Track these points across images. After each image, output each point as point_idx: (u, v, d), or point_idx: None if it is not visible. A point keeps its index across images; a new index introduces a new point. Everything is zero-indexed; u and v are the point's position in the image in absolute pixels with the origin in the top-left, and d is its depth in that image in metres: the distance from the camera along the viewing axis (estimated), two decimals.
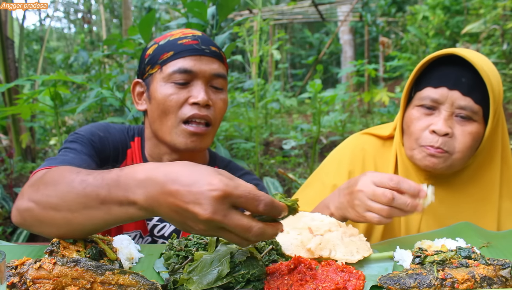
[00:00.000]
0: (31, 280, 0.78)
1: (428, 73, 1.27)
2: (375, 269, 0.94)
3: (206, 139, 1.29)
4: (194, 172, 0.72)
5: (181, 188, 0.70)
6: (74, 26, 17.92)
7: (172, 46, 1.27)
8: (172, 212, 0.72)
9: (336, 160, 1.47)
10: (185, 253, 0.90)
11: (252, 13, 9.28)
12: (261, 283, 0.84)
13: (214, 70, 1.27)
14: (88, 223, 0.82)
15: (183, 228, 0.74)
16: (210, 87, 1.29)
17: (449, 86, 1.21)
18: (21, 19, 3.93)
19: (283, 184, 4.33)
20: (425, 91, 1.25)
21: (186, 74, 1.24)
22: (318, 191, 1.42)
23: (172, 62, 1.25)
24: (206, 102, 1.24)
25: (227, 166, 1.45)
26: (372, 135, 1.48)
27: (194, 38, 1.29)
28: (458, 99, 1.20)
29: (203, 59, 1.26)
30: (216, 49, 1.31)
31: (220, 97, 1.30)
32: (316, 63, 9.77)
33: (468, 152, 1.24)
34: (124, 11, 4.94)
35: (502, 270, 0.84)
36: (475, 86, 1.20)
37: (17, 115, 3.25)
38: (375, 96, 4.94)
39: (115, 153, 1.32)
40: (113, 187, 0.78)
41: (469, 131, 1.21)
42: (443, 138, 1.21)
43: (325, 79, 15.26)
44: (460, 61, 1.21)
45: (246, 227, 0.70)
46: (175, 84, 1.24)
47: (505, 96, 5.94)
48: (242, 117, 6.97)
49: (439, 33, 7.71)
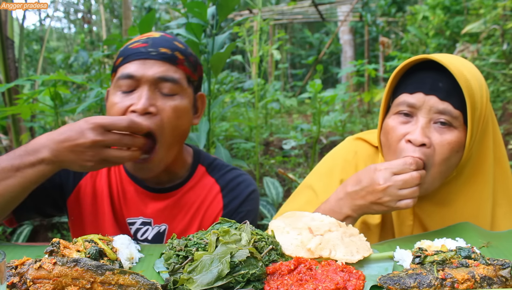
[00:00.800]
0: (31, 280, 0.78)
1: (404, 80, 1.21)
2: (375, 269, 0.94)
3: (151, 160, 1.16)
4: (74, 124, 1.03)
5: (68, 132, 1.01)
6: (74, 26, 17.93)
7: (123, 51, 1.21)
8: (70, 153, 1.01)
9: (327, 169, 1.42)
10: (185, 253, 0.90)
11: (252, 13, 9.28)
12: (261, 283, 0.84)
13: (159, 74, 1.15)
14: (7, 192, 1.03)
15: (82, 165, 1.03)
16: (159, 93, 1.17)
17: (426, 91, 1.14)
18: (21, 19, 3.93)
19: (283, 184, 4.33)
20: (401, 97, 1.18)
21: (130, 80, 1.15)
22: (309, 199, 1.37)
23: (120, 68, 1.19)
24: (145, 110, 1.12)
25: (213, 163, 1.41)
26: (365, 142, 1.42)
27: (145, 40, 1.20)
28: (436, 103, 1.12)
29: (147, 62, 1.16)
30: (168, 50, 1.18)
31: (170, 104, 1.16)
32: (316, 63, 9.77)
33: (446, 164, 1.14)
34: (124, 11, 4.94)
35: (502, 270, 0.84)
36: (453, 90, 1.12)
37: (17, 115, 3.24)
38: (375, 96, 4.94)
39: None
40: (24, 155, 1.02)
41: (448, 140, 1.12)
42: (420, 149, 1.11)
43: (325, 79, 15.26)
44: (437, 66, 1.15)
45: (121, 138, 1.02)
46: (121, 92, 1.17)
47: (505, 96, 5.94)
48: (242, 117, 6.97)
49: (439, 33, 7.71)
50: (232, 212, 1.34)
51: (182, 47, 1.24)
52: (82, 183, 1.35)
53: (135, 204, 1.33)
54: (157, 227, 1.33)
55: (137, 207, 1.33)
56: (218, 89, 5.83)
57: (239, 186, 1.37)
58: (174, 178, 1.35)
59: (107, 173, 1.35)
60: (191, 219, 1.33)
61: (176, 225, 1.33)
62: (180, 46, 1.24)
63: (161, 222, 1.33)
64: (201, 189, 1.36)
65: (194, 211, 1.34)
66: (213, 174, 1.39)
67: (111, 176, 1.35)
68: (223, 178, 1.38)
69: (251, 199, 1.37)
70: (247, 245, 0.88)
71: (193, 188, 1.35)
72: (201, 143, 2.33)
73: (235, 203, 1.35)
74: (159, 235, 1.33)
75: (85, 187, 1.35)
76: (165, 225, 1.33)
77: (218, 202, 1.35)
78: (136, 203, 1.33)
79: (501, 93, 5.97)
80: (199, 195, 1.35)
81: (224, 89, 6.11)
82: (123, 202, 1.33)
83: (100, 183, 1.35)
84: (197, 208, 1.34)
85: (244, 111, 6.42)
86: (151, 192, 1.32)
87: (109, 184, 1.34)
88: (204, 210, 1.34)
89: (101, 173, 1.35)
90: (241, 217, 1.34)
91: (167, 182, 1.34)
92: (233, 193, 1.36)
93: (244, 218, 1.33)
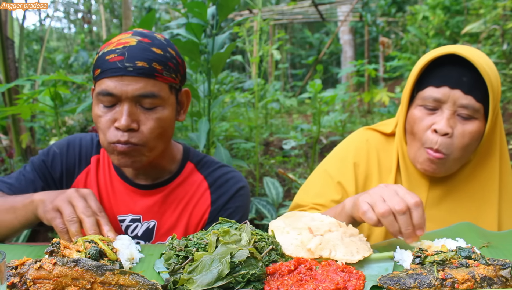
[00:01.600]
0: (31, 280, 0.78)
1: (429, 72, 1.28)
2: (375, 269, 0.94)
3: (139, 157, 1.22)
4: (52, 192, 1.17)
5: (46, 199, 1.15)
6: (74, 26, 17.91)
7: (101, 63, 1.19)
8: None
9: (341, 154, 1.49)
10: (185, 253, 0.90)
11: (252, 13, 9.28)
12: (261, 283, 0.84)
13: (138, 91, 1.16)
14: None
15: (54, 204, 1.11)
16: (140, 107, 1.19)
17: (451, 85, 1.22)
18: (21, 19, 3.92)
19: (283, 184, 4.33)
20: (427, 90, 1.26)
21: (110, 97, 1.17)
22: (325, 183, 1.44)
23: (99, 81, 1.19)
24: (127, 127, 1.16)
25: (202, 160, 1.42)
26: (375, 131, 1.50)
27: (121, 52, 1.16)
28: (460, 98, 1.21)
29: (125, 79, 1.15)
30: (145, 63, 1.16)
31: (152, 117, 1.19)
32: (316, 63, 9.77)
33: (466, 151, 1.26)
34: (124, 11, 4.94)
35: (502, 270, 0.84)
36: (475, 84, 1.21)
37: (17, 115, 3.25)
38: (375, 96, 4.94)
39: (72, 163, 1.40)
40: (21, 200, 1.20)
41: (469, 130, 1.23)
42: (442, 139, 1.22)
43: (325, 79, 15.26)
44: (460, 59, 1.23)
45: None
46: (103, 105, 1.19)
47: (505, 96, 5.94)
48: (242, 117, 6.97)
49: (439, 33, 7.71)
50: (220, 208, 1.35)
51: (160, 52, 1.20)
52: (75, 184, 1.39)
53: (124, 201, 1.36)
54: (146, 223, 1.35)
55: (126, 204, 1.35)
56: (218, 89, 5.83)
57: (228, 183, 1.38)
58: (162, 174, 1.37)
59: (95, 172, 1.39)
60: (179, 216, 1.35)
61: (165, 222, 1.35)
62: (158, 52, 1.19)
63: (150, 218, 1.35)
64: (190, 185, 1.37)
65: (182, 207, 1.36)
66: (202, 171, 1.40)
67: (100, 175, 1.39)
68: (211, 175, 1.39)
69: (239, 195, 1.38)
70: (247, 245, 0.88)
71: (181, 184, 1.37)
72: (201, 143, 2.33)
73: (223, 200, 1.36)
74: (148, 231, 1.35)
75: (78, 187, 1.38)
76: (154, 221, 1.35)
77: (206, 198, 1.36)
78: (125, 200, 1.36)
79: (501, 93, 5.96)
80: (188, 192, 1.37)
81: (224, 89, 6.12)
82: (113, 199, 1.36)
83: (90, 183, 1.38)
84: (186, 205, 1.36)
85: (244, 111, 6.43)
86: (139, 189, 1.35)
87: (98, 183, 1.38)
88: (192, 206, 1.36)
89: (91, 172, 1.39)
90: (229, 213, 1.35)
91: (155, 177, 1.36)
92: (221, 190, 1.37)
93: (233, 215, 1.35)
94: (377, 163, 1.43)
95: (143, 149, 1.21)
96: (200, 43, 2.37)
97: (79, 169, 1.39)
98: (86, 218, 1.05)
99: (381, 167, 1.42)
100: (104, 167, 1.39)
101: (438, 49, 1.27)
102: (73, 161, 1.39)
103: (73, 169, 1.39)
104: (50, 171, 1.38)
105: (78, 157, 1.40)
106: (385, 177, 1.41)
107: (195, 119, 3.15)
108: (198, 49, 2.39)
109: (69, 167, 1.39)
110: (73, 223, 1.04)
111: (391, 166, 1.41)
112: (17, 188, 1.33)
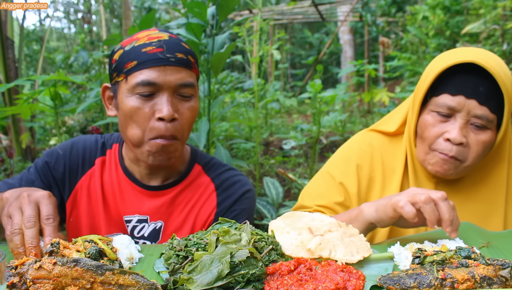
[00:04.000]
0: (31, 280, 0.78)
1: (445, 79, 1.25)
2: (375, 269, 0.94)
3: (174, 153, 1.26)
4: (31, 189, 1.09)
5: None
6: (74, 26, 17.90)
7: (136, 55, 1.21)
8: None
9: (343, 156, 1.49)
10: (185, 253, 0.90)
11: (252, 13, 9.28)
12: (261, 283, 0.84)
13: (180, 80, 1.21)
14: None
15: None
16: (177, 96, 1.23)
17: (467, 94, 1.20)
18: (21, 19, 3.92)
19: (283, 184, 4.33)
20: (442, 97, 1.24)
21: (150, 86, 1.19)
22: (328, 185, 1.44)
23: (136, 72, 1.20)
24: (172, 116, 1.20)
25: (209, 162, 1.43)
26: (378, 132, 1.49)
27: (159, 45, 1.21)
28: (475, 108, 1.20)
29: (167, 69, 1.20)
30: (183, 55, 1.23)
31: (188, 106, 1.25)
32: (316, 63, 9.77)
33: (479, 159, 1.26)
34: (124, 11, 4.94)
35: (502, 270, 0.84)
36: (491, 94, 1.20)
37: (17, 115, 3.25)
38: (375, 96, 4.94)
39: (75, 165, 1.39)
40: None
41: (482, 140, 1.23)
42: (457, 147, 1.22)
43: (325, 79, 15.26)
44: (478, 67, 1.20)
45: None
46: (140, 96, 1.20)
47: None
48: (242, 117, 6.96)
49: (439, 33, 7.71)
50: (225, 210, 1.36)
51: (188, 48, 1.27)
52: (78, 186, 1.39)
53: (131, 202, 1.36)
54: (154, 224, 1.36)
55: (133, 205, 1.36)
56: (218, 89, 5.83)
57: (234, 186, 1.39)
58: (172, 174, 1.38)
59: (100, 173, 1.39)
60: (186, 217, 1.36)
61: (172, 223, 1.36)
62: (187, 47, 1.27)
63: (157, 219, 1.36)
64: (197, 187, 1.38)
65: (189, 209, 1.36)
66: (209, 173, 1.41)
67: (105, 176, 1.39)
68: (218, 178, 1.40)
69: (245, 198, 1.39)
70: (247, 245, 0.88)
71: (188, 186, 1.38)
72: (201, 143, 2.33)
73: (229, 202, 1.37)
74: (155, 231, 1.35)
75: (82, 189, 1.39)
76: (161, 222, 1.36)
77: (212, 200, 1.37)
78: (132, 201, 1.36)
79: None
80: (195, 194, 1.37)
81: (224, 89, 6.12)
82: (120, 200, 1.36)
83: (94, 184, 1.38)
84: (192, 206, 1.36)
85: (244, 111, 6.43)
86: (148, 190, 1.36)
87: (102, 184, 1.38)
88: (198, 208, 1.36)
89: (95, 174, 1.39)
90: (235, 215, 1.36)
91: (166, 178, 1.37)
92: (227, 192, 1.38)
93: (238, 217, 1.35)
94: (381, 165, 1.42)
95: (177, 143, 1.25)
96: (200, 43, 2.37)
97: (82, 171, 1.40)
98: (26, 230, 0.97)
99: (385, 169, 1.42)
100: (111, 168, 1.39)
101: (455, 55, 1.24)
102: (76, 163, 1.40)
103: (76, 171, 1.39)
104: (53, 172, 1.38)
105: (82, 159, 1.40)
106: (388, 177, 1.41)
107: (195, 119, 3.14)
108: (198, 49, 2.39)
109: (72, 168, 1.39)
110: (15, 235, 0.97)
111: (395, 166, 1.41)
112: (16, 188, 1.33)
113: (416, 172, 1.38)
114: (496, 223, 1.32)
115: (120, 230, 1.36)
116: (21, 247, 0.96)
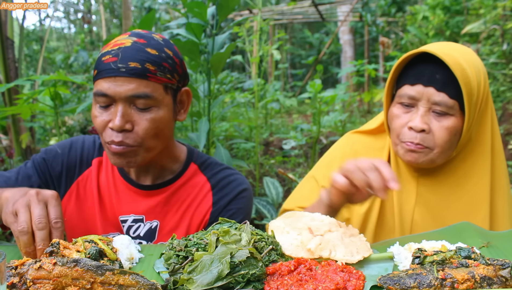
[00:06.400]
0: (31, 281, 0.78)
1: (406, 71, 1.31)
2: (375, 269, 0.94)
3: (134, 158, 1.23)
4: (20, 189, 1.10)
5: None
6: (74, 26, 17.90)
7: (97, 63, 1.22)
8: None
9: (327, 160, 1.54)
10: (185, 253, 0.90)
11: (252, 13, 9.28)
12: (261, 283, 0.84)
13: (131, 92, 1.16)
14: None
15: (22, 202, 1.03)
16: (134, 108, 1.20)
17: (424, 82, 1.25)
18: (21, 19, 3.92)
19: (283, 184, 4.33)
20: (403, 88, 1.30)
21: (105, 97, 1.18)
22: (311, 188, 1.48)
23: (96, 82, 1.21)
24: (121, 128, 1.18)
25: (205, 162, 1.43)
26: (361, 133, 1.53)
27: (115, 53, 1.18)
28: (433, 95, 1.24)
29: (118, 80, 1.16)
30: (137, 64, 1.16)
31: (146, 118, 1.20)
32: (316, 63, 9.77)
33: (447, 145, 1.28)
34: (124, 11, 4.94)
35: (502, 270, 0.84)
36: (449, 81, 1.23)
37: (17, 115, 3.24)
38: (375, 96, 4.94)
39: (72, 164, 1.40)
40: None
41: (445, 126, 1.25)
42: (421, 134, 1.26)
43: (325, 79, 15.25)
44: (435, 57, 1.25)
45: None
46: (99, 105, 1.21)
47: (505, 96, 5.94)
48: (242, 117, 6.97)
49: (439, 33, 7.71)
50: (221, 209, 1.36)
51: (154, 53, 1.20)
52: (74, 185, 1.40)
53: (127, 201, 1.36)
54: (149, 223, 1.36)
55: (129, 205, 1.36)
56: (218, 89, 5.83)
57: (230, 185, 1.39)
58: (164, 173, 1.38)
59: (96, 174, 1.39)
60: (181, 216, 1.36)
61: (168, 222, 1.36)
62: (153, 52, 1.20)
63: (153, 218, 1.36)
64: (193, 187, 1.38)
65: (185, 208, 1.36)
66: (205, 172, 1.41)
67: (101, 176, 1.39)
68: (215, 177, 1.40)
69: (241, 197, 1.38)
70: (247, 245, 0.88)
71: (184, 185, 1.38)
72: (201, 143, 2.33)
73: (224, 201, 1.36)
74: (151, 231, 1.36)
75: (78, 188, 1.39)
76: (157, 222, 1.36)
77: (208, 199, 1.37)
78: (128, 201, 1.36)
79: (501, 93, 5.97)
80: (191, 193, 1.37)
81: (224, 89, 6.12)
82: (116, 200, 1.37)
83: (90, 185, 1.39)
84: (188, 206, 1.36)
85: (244, 111, 6.43)
86: (143, 189, 1.36)
87: (98, 184, 1.38)
88: (194, 207, 1.36)
89: (92, 174, 1.39)
90: (231, 214, 1.35)
91: (157, 177, 1.37)
92: (223, 191, 1.38)
93: (234, 216, 1.35)
94: None
95: (139, 149, 1.22)
96: (200, 43, 2.37)
97: (79, 170, 1.40)
98: (38, 231, 0.96)
99: None
100: (107, 168, 1.40)
101: (414, 50, 1.30)
102: (74, 163, 1.40)
103: (74, 170, 1.40)
104: (50, 169, 1.38)
105: (79, 159, 1.40)
106: None
107: (195, 119, 3.15)
108: (198, 49, 2.39)
109: (69, 167, 1.39)
110: (24, 234, 0.96)
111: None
112: (13, 181, 1.34)
113: (398, 166, 1.41)
114: (482, 215, 1.33)
115: (116, 230, 1.36)
116: (29, 247, 0.96)
